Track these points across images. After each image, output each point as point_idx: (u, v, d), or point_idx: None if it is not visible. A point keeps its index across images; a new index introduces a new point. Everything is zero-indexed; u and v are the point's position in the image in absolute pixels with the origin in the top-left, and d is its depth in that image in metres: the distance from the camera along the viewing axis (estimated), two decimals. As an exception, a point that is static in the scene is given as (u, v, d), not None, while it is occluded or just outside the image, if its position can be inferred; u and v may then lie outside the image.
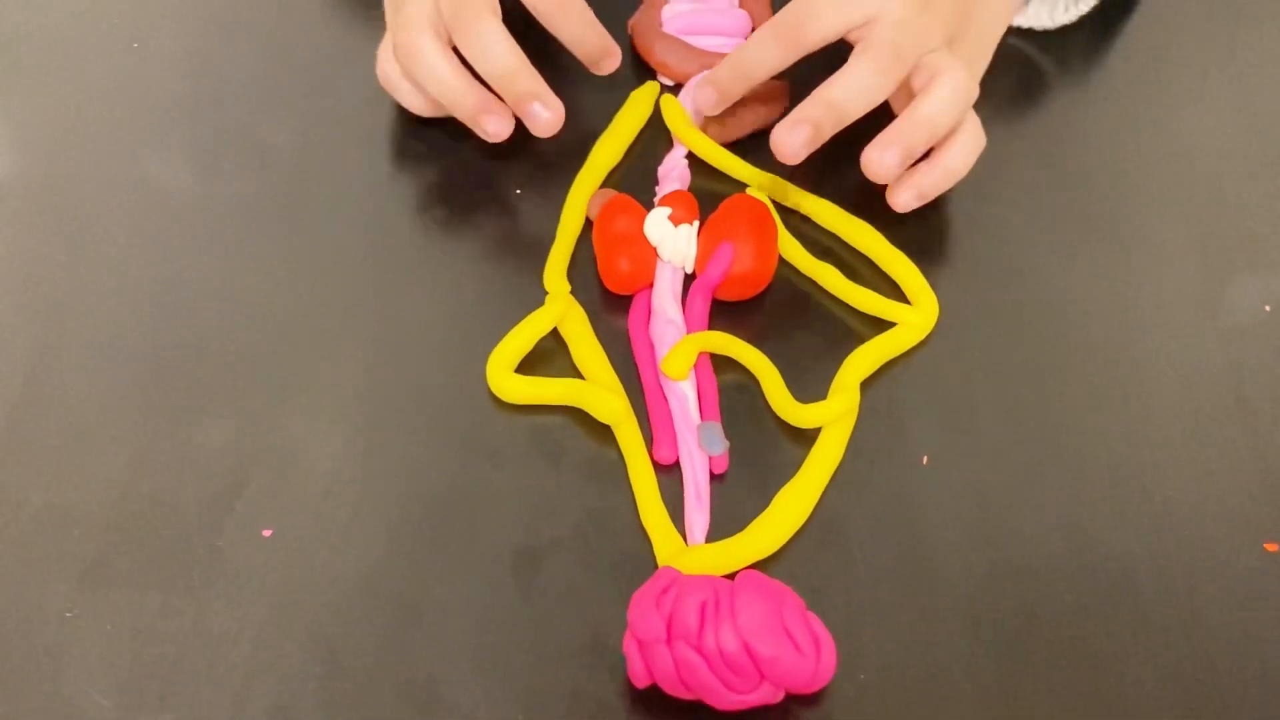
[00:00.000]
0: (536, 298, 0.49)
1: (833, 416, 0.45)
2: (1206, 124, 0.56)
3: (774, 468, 0.44)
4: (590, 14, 0.52)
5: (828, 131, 0.48)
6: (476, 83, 0.50)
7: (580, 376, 0.47)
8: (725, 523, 0.43)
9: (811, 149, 0.48)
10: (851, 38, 0.50)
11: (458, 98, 0.50)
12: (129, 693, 0.39)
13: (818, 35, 0.49)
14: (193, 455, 0.44)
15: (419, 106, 0.52)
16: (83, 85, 0.57)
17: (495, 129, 0.50)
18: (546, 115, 0.49)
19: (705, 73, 0.52)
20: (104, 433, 0.45)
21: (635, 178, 0.53)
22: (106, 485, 0.44)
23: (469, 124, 0.50)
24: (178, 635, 0.40)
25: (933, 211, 0.51)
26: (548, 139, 0.51)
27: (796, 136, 0.48)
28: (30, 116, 0.56)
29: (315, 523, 0.43)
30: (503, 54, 0.49)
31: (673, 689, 0.38)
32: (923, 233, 0.51)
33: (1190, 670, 0.40)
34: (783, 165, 0.51)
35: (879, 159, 0.48)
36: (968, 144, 0.50)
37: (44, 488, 0.44)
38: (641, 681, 0.39)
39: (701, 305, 0.48)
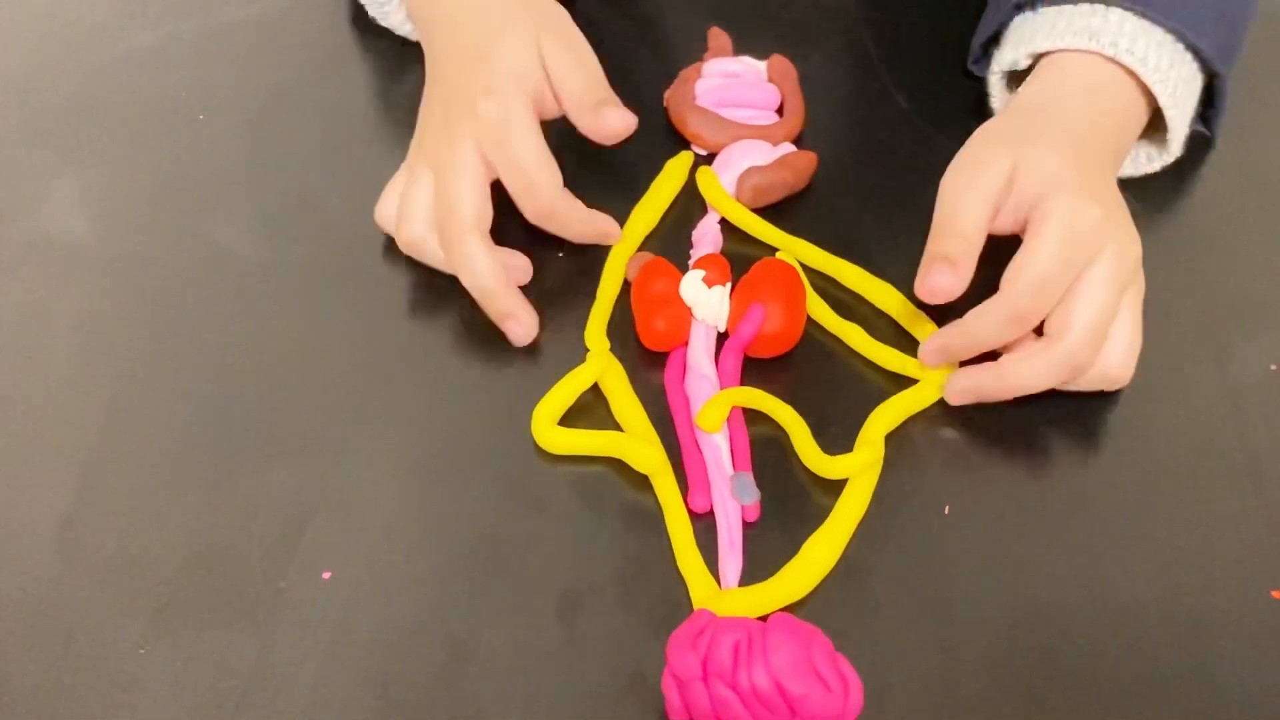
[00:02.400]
0: (578, 355, 0.50)
1: (859, 468, 0.47)
2: (1214, 185, 0.57)
3: (803, 516, 0.46)
4: (579, 207, 0.52)
5: (965, 354, 0.48)
6: (513, 288, 0.51)
7: (619, 429, 0.48)
8: (757, 568, 0.44)
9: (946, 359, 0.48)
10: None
11: (489, 299, 0.50)
12: (198, 725, 0.41)
13: (1050, 307, 0.46)
14: (257, 502, 0.46)
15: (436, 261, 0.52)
16: (153, 155, 0.59)
17: (514, 329, 0.50)
18: (520, 332, 0.50)
19: (939, 337, 0.48)
20: (174, 481, 0.47)
21: (671, 242, 0.54)
22: (177, 530, 0.45)
23: (499, 323, 0.51)
24: (243, 671, 0.42)
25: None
26: (590, 204, 0.52)
27: (955, 395, 0.48)
28: (104, 184, 0.57)
29: (372, 566, 0.45)
30: (484, 274, 0.49)
31: (708, 725, 0.39)
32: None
33: (1201, 710, 0.41)
34: (810, 231, 0.53)
35: (926, 348, 0.48)
36: (1046, 367, 0.47)
37: (119, 533, 0.45)
38: (679, 718, 0.40)
39: (734, 362, 0.50)
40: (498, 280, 0.50)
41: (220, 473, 0.47)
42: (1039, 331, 0.47)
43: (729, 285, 0.51)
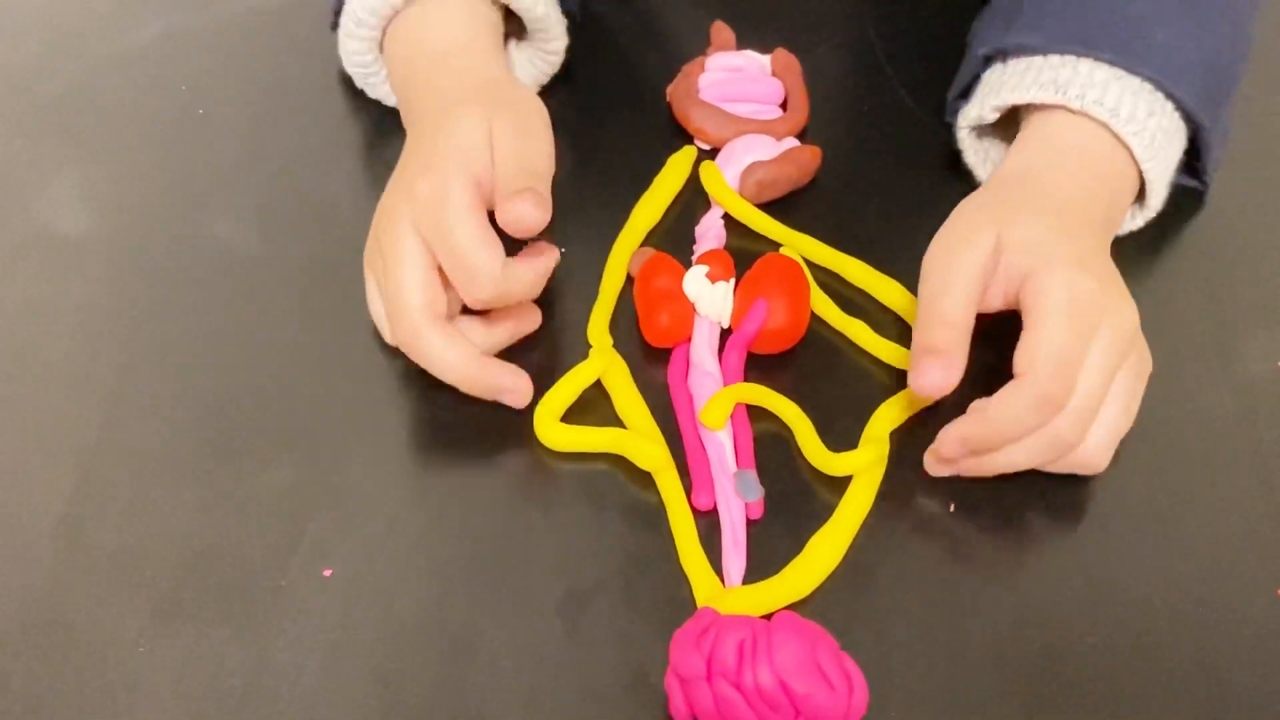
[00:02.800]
0: (581, 351, 0.50)
1: (863, 465, 0.46)
2: (1221, 182, 0.57)
3: (807, 514, 0.46)
4: (527, 295, 0.48)
5: (980, 448, 0.45)
6: (488, 362, 0.48)
7: (622, 426, 0.48)
8: (761, 566, 0.44)
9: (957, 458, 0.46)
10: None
11: (471, 382, 0.47)
12: (199, 723, 0.41)
13: (1078, 374, 0.44)
14: (258, 500, 0.46)
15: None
16: (152, 150, 0.59)
17: (509, 400, 0.48)
18: (511, 401, 0.47)
19: (957, 429, 0.45)
20: (174, 478, 0.47)
21: (674, 237, 0.54)
22: (177, 527, 0.45)
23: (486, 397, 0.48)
24: (244, 669, 0.42)
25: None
26: (592, 200, 0.52)
27: (950, 450, 0.45)
28: (104, 180, 0.57)
29: (373, 564, 0.44)
30: (453, 365, 0.46)
31: (712, 724, 0.39)
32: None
33: (1208, 711, 0.41)
34: (814, 226, 0.52)
35: (938, 445, 0.45)
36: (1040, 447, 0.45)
37: (119, 530, 0.45)
38: (682, 717, 0.40)
39: (737, 358, 0.50)
40: (469, 365, 0.46)
41: (220, 470, 0.47)
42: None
43: (732, 281, 0.51)
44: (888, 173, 0.57)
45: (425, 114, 0.50)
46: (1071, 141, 0.50)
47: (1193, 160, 0.54)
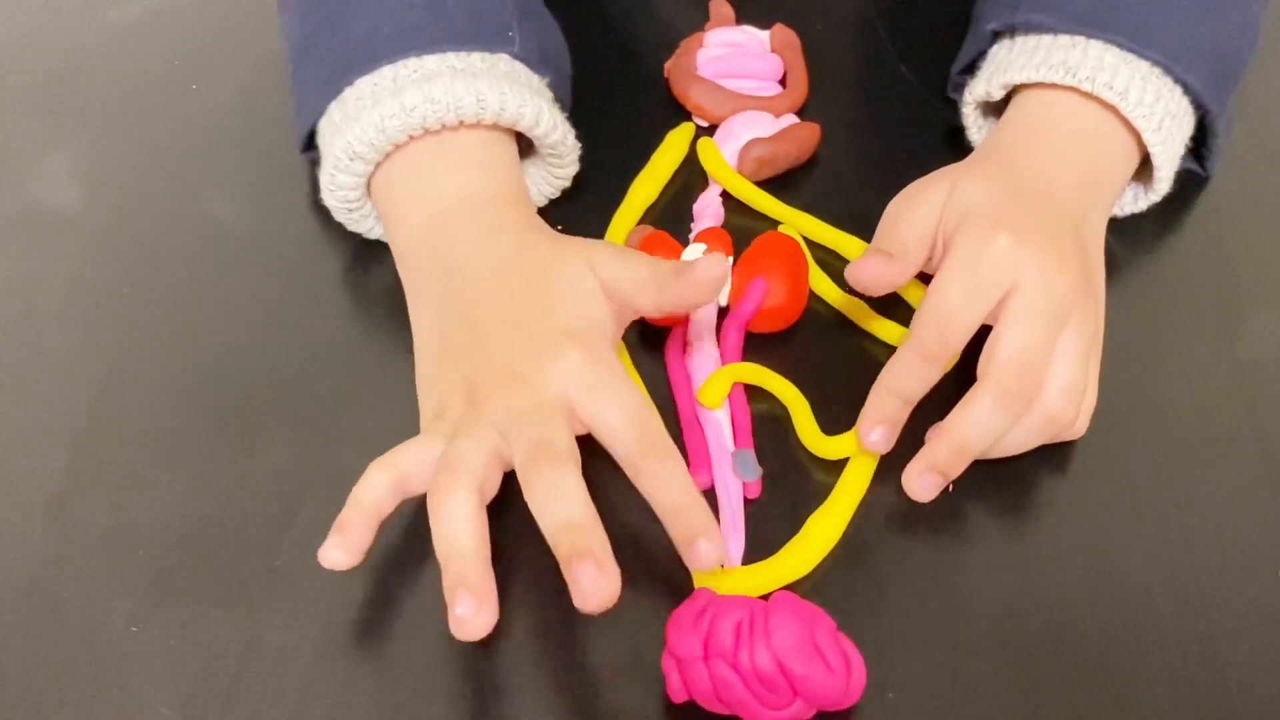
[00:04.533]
0: (577, 330, 0.50)
1: (859, 446, 0.46)
2: (1225, 161, 0.56)
3: (805, 493, 0.45)
4: (687, 479, 0.41)
5: (956, 470, 0.45)
6: (484, 561, 0.40)
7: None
8: (759, 546, 0.44)
9: (937, 491, 0.45)
10: (990, 317, 0.45)
11: (454, 561, 0.40)
12: (192, 704, 0.40)
13: (964, 336, 0.44)
14: (251, 479, 0.46)
15: (338, 559, 0.41)
16: (145, 125, 0.58)
17: (463, 611, 0.38)
18: (596, 583, 0.38)
19: (866, 420, 0.45)
20: (167, 457, 0.47)
21: (671, 215, 0.54)
22: (170, 507, 0.45)
23: (447, 595, 0.39)
24: (238, 649, 0.42)
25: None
26: (590, 176, 0.52)
27: (928, 485, 0.45)
28: (96, 155, 0.57)
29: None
30: (575, 504, 0.40)
31: (709, 705, 0.39)
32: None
33: (1208, 692, 0.41)
34: (813, 204, 0.52)
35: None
36: (984, 414, 0.44)
37: (111, 509, 0.45)
38: (679, 698, 0.40)
39: (735, 338, 0.49)
40: (590, 513, 0.40)
41: (214, 449, 0.47)
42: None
43: (730, 259, 0.51)
44: (887, 150, 0.57)
45: (490, 272, 0.45)
46: (1056, 113, 0.50)
47: (1196, 145, 0.54)
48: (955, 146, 0.56)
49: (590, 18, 0.61)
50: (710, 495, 0.46)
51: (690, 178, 0.56)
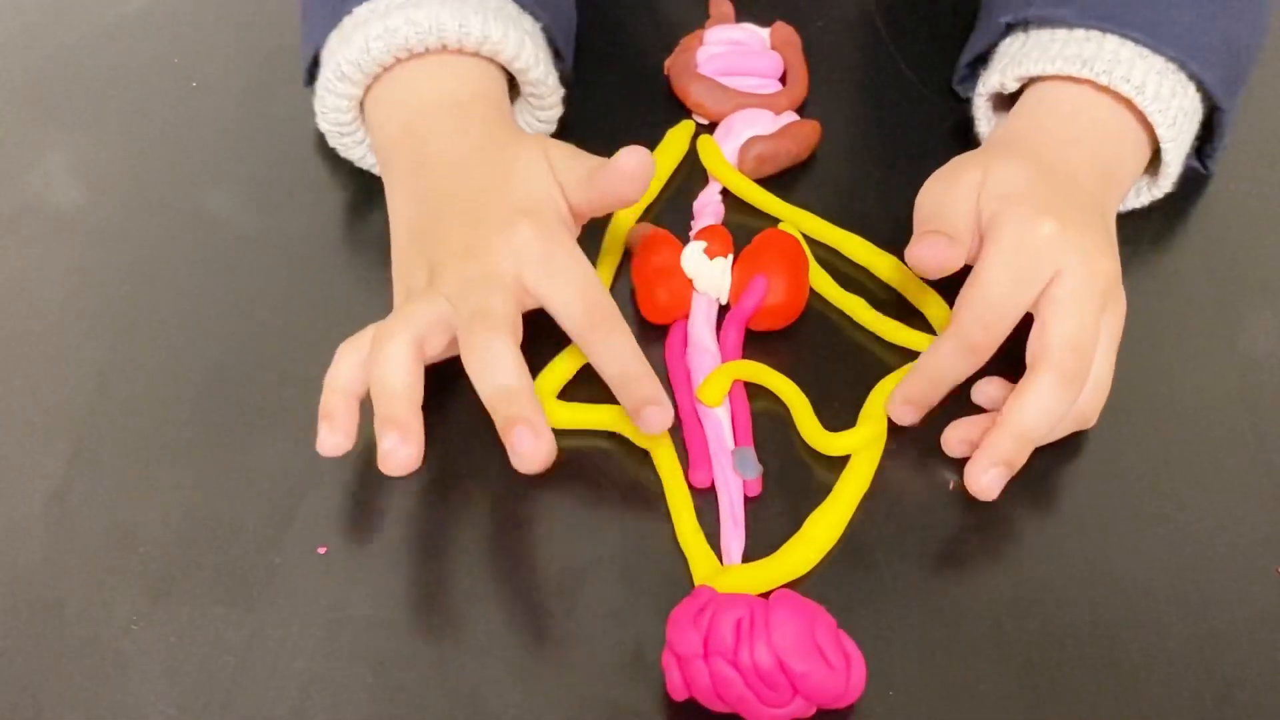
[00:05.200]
0: (578, 328, 0.50)
1: (860, 444, 0.46)
2: (1228, 158, 0.56)
3: (806, 491, 0.45)
4: (634, 349, 0.44)
5: (1021, 459, 0.44)
6: (413, 402, 0.43)
7: (620, 403, 0.47)
8: (759, 544, 0.44)
9: (1003, 484, 0.45)
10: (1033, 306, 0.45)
11: (383, 399, 0.42)
12: (192, 702, 0.40)
13: (1005, 329, 0.44)
14: (251, 476, 0.46)
15: (329, 444, 0.44)
16: (145, 122, 0.58)
17: (390, 446, 0.41)
18: (531, 446, 0.41)
19: (901, 391, 0.46)
20: (167, 455, 0.47)
21: (672, 213, 0.54)
22: (170, 504, 0.45)
23: (376, 431, 0.42)
24: (238, 647, 0.42)
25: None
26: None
27: (995, 480, 0.44)
28: (95, 153, 0.57)
29: (368, 541, 0.44)
30: (506, 371, 0.42)
31: (709, 703, 0.39)
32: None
33: (1207, 689, 0.41)
34: (813, 202, 0.52)
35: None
36: (1044, 399, 0.44)
37: (111, 506, 0.45)
38: (679, 695, 0.40)
39: (735, 335, 0.49)
40: (523, 379, 0.42)
41: (214, 446, 0.47)
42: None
43: (731, 257, 0.51)
44: (888, 147, 0.57)
45: (455, 162, 0.47)
46: (1070, 104, 0.50)
47: (1200, 142, 0.54)
48: (956, 144, 0.56)
49: (590, 15, 0.61)
50: (710, 493, 0.46)
51: (690, 175, 0.56)
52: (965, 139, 0.56)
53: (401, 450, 0.41)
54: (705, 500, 0.45)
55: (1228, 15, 0.51)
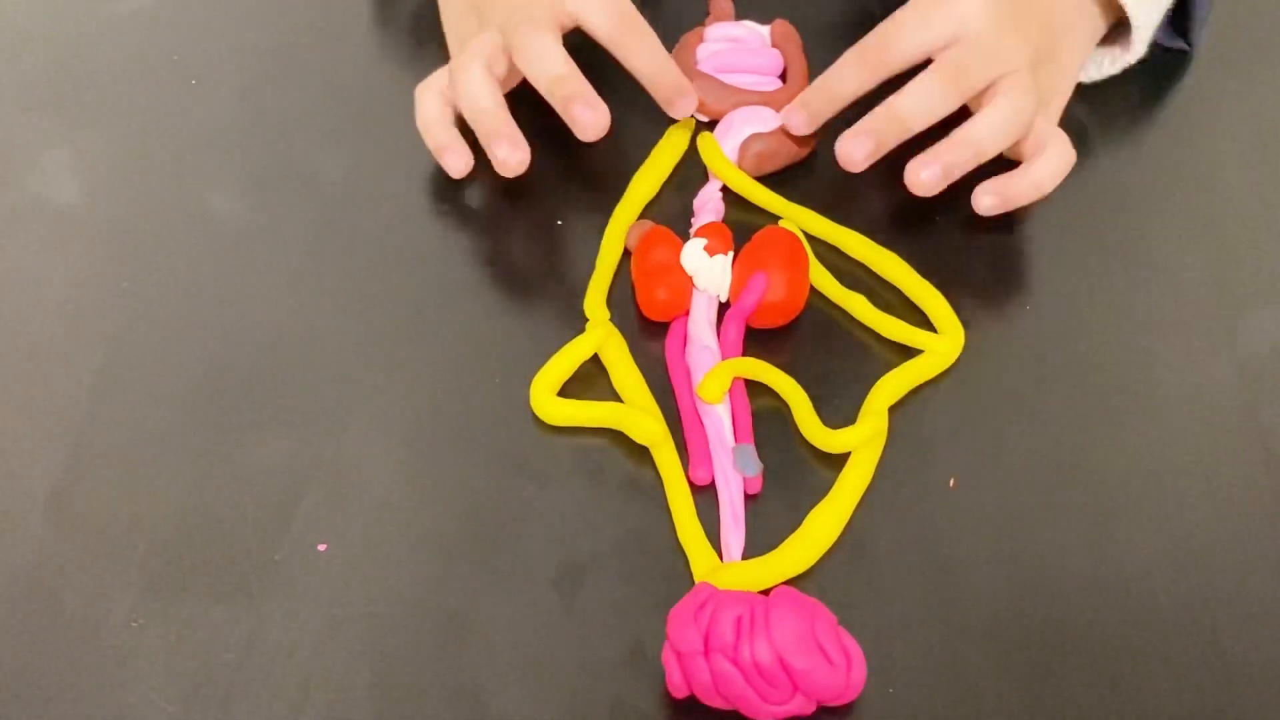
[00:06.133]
0: (577, 325, 0.50)
1: (860, 441, 0.46)
2: (1227, 157, 0.57)
3: (806, 488, 0.45)
4: (662, 49, 0.53)
5: (890, 144, 0.50)
6: (504, 111, 0.51)
7: (619, 400, 0.48)
8: (759, 541, 0.44)
9: (873, 159, 0.50)
10: (934, 57, 0.51)
11: (481, 116, 0.51)
12: (192, 698, 0.40)
13: (901, 57, 0.51)
14: (251, 473, 0.46)
15: (459, 166, 0.53)
16: (144, 119, 0.58)
17: (503, 155, 0.50)
18: (589, 116, 0.50)
19: (795, 100, 0.53)
20: (167, 451, 0.47)
21: (672, 210, 0.54)
22: (170, 502, 0.45)
23: (485, 146, 0.51)
24: (238, 645, 0.42)
25: (959, 243, 0.52)
26: (589, 172, 0.52)
27: (860, 148, 0.50)
28: (95, 149, 0.57)
29: (368, 538, 0.44)
30: (555, 61, 0.50)
31: (709, 700, 0.39)
32: (949, 263, 0.52)
33: (1208, 687, 0.41)
34: (813, 199, 0.52)
35: (918, 174, 0.49)
36: (1054, 161, 0.50)
37: (110, 503, 0.45)
38: (680, 692, 0.40)
39: (736, 332, 0.49)
40: (569, 65, 0.51)
41: (214, 443, 0.47)
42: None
43: (731, 254, 0.51)
44: (888, 145, 0.57)
45: None
46: None
47: (1179, 22, 0.57)
48: (956, 142, 0.56)
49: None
50: (710, 490, 0.46)
51: (690, 173, 0.56)
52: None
53: (514, 155, 0.50)
54: (705, 497, 0.45)
55: None
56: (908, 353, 0.49)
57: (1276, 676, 0.41)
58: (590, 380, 0.49)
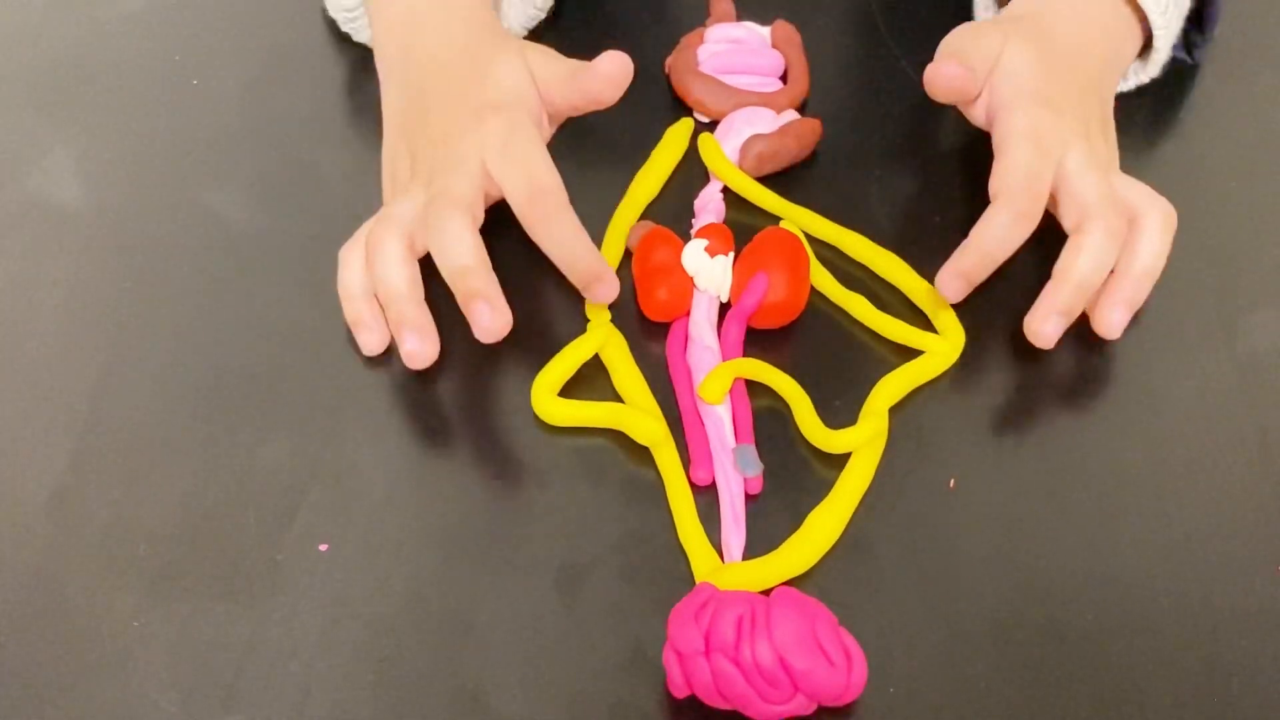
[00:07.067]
0: (579, 326, 0.50)
1: (861, 441, 0.46)
2: (1227, 158, 0.57)
3: (806, 489, 0.45)
4: (577, 230, 0.48)
5: (1078, 309, 0.48)
6: (417, 295, 0.48)
7: (620, 401, 0.48)
8: (760, 541, 0.44)
9: (1061, 333, 0.48)
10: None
11: (392, 302, 0.48)
12: (193, 699, 0.40)
13: (1046, 194, 0.48)
14: (253, 474, 0.46)
15: (372, 345, 0.49)
16: (146, 120, 0.58)
17: (410, 347, 0.47)
18: (488, 318, 0.46)
19: (948, 267, 0.48)
20: (169, 452, 0.47)
21: (672, 211, 0.54)
22: (171, 502, 0.45)
23: (394, 334, 0.48)
24: (239, 644, 0.42)
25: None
26: (590, 173, 0.51)
27: (1055, 328, 0.48)
28: (97, 151, 0.57)
29: (369, 538, 0.44)
30: (463, 250, 0.46)
31: (710, 700, 0.39)
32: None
33: (1206, 688, 0.41)
34: (814, 200, 0.52)
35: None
36: (1155, 240, 0.49)
37: (113, 503, 0.45)
38: (680, 692, 0.40)
39: (736, 333, 0.49)
40: (478, 256, 0.47)
41: (215, 444, 0.47)
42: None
43: (732, 255, 0.51)
44: (889, 146, 0.57)
45: (441, 60, 0.51)
46: None
47: (1187, 34, 0.57)
48: (957, 141, 0.56)
49: (591, 13, 0.61)
50: (711, 490, 0.46)
51: (691, 173, 0.56)
52: (965, 135, 0.56)
53: (422, 348, 0.47)
54: (706, 498, 0.45)
55: None
56: (908, 353, 0.49)
57: (1276, 677, 0.41)
58: (591, 381, 0.49)
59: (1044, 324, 0.47)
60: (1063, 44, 0.51)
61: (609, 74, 0.49)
